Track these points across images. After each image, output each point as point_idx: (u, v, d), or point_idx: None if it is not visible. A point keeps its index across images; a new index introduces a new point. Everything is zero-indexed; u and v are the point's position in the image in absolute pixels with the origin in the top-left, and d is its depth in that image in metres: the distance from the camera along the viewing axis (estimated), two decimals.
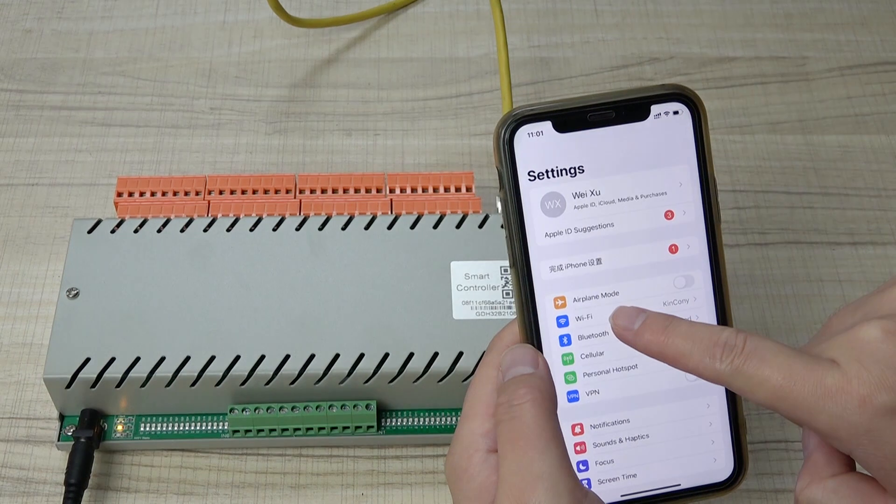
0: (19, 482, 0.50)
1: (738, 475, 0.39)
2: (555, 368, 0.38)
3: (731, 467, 0.39)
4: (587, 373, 0.38)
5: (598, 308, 0.38)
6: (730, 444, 0.39)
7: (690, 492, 0.39)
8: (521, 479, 0.34)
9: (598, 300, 0.38)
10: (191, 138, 0.63)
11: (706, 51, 0.68)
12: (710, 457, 0.39)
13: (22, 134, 0.63)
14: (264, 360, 0.48)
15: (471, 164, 0.62)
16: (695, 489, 0.39)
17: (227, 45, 0.67)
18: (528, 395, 0.36)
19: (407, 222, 0.53)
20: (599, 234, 0.38)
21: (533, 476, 0.34)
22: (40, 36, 0.67)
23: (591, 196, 0.37)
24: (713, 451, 0.39)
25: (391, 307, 0.50)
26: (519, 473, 0.34)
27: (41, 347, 0.54)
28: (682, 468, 0.39)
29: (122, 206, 0.54)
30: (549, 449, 0.34)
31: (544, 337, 0.38)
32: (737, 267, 0.58)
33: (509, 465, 0.35)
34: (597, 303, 0.38)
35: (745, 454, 0.39)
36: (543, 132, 0.37)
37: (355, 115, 0.64)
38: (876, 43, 0.69)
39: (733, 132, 0.64)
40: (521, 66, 0.67)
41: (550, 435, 0.35)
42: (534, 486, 0.34)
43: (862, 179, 0.62)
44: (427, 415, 0.51)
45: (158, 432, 0.50)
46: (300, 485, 0.51)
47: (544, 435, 0.35)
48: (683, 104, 0.38)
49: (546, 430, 0.35)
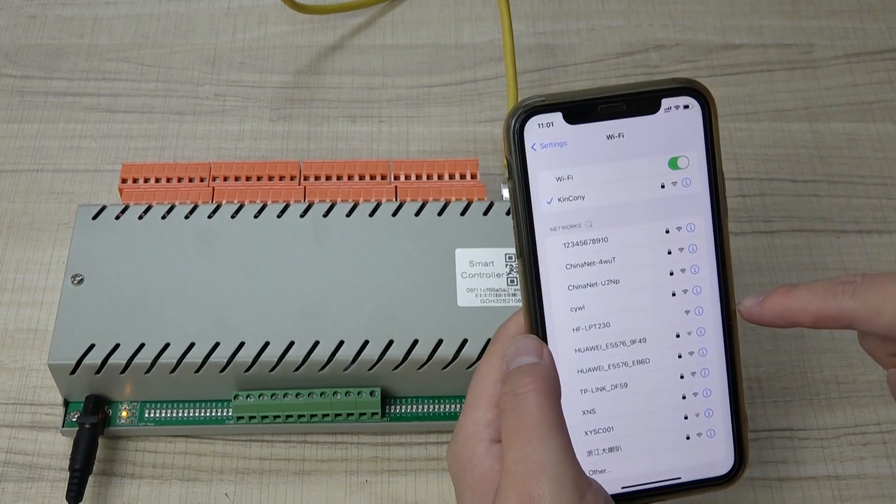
0: (24, 468, 0.50)
1: (738, 469, 0.39)
2: (561, 358, 0.38)
3: (731, 461, 0.39)
4: (591, 366, 0.38)
5: (604, 298, 0.38)
6: (731, 438, 0.39)
7: (691, 485, 0.39)
8: (525, 468, 0.34)
9: (604, 289, 0.38)
10: (195, 125, 0.63)
11: (712, 38, 0.68)
12: (711, 450, 0.39)
13: (26, 120, 0.63)
14: (269, 347, 0.48)
15: (475, 151, 0.62)
16: (695, 482, 0.39)
17: (232, 32, 0.67)
18: (531, 384, 0.36)
19: (411, 209, 0.53)
20: (608, 226, 0.38)
21: (537, 466, 0.34)
22: (44, 22, 0.67)
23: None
24: (714, 445, 0.39)
25: (396, 294, 0.50)
26: (523, 463, 0.34)
27: (46, 333, 0.54)
28: (682, 461, 0.39)
29: (126, 193, 0.54)
30: (553, 438, 0.34)
31: (549, 327, 0.38)
32: (742, 255, 0.58)
33: (513, 454, 0.35)
34: (602, 292, 0.38)
35: (745, 448, 0.39)
36: (554, 123, 0.37)
37: (360, 102, 0.64)
38: (882, 30, 0.68)
39: (739, 119, 0.64)
40: (526, 53, 0.66)
41: (554, 424, 0.35)
42: (538, 475, 0.34)
43: (868, 167, 0.62)
44: (431, 402, 0.51)
45: (163, 418, 0.50)
46: (304, 471, 0.51)
47: (548, 424, 0.35)
48: (694, 98, 0.38)
49: (550, 419, 0.35)
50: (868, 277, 0.37)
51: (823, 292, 0.37)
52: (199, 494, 0.50)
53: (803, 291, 0.38)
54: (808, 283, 0.38)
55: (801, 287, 0.38)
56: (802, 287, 0.38)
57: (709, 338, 0.39)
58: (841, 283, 0.37)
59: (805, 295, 0.37)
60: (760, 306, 0.38)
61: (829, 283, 0.37)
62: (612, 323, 0.38)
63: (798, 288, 0.38)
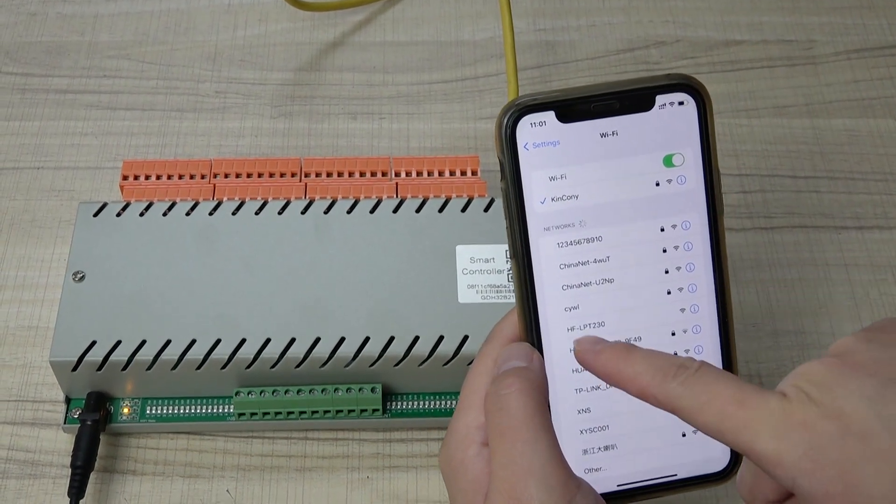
0: (26, 465, 0.50)
1: (734, 465, 0.39)
2: (555, 358, 0.38)
3: (727, 457, 0.39)
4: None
5: (598, 298, 0.38)
6: None
7: (687, 482, 0.39)
8: (511, 472, 0.34)
9: (599, 289, 0.38)
10: (196, 122, 0.63)
11: (713, 34, 0.68)
12: (707, 446, 0.39)
13: (27, 117, 0.63)
14: (270, 344, 0.49)
15: (476, 148, 0.62)
16: (691, 479, 0.39)
17: (233, 29, 0.67)
18: (515, 384, 0.35)
19: (412, 206, 0.53)
20: (602, 225, 0.38)
21: (523, 470, 0.34)
22: (45, 19, 0.67)
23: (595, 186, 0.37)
24: (710, 441, 0.39)
25: (396, 291, 0.50)
26: (509, 467, 0.34)
27: (47, 330, 0.54)
28: (678, 458, 0.39)
29: (127, 190, 0.54)
30: (539, 440, 0.34)
31: (544, 327, 0.38)
32: (742, 251, 0.58)
33: (500, 458, 0.34)
34: (597, 291, 0.38)
35: None
36: (546, 122, 0.37)
37: (361, 99, 0.64)
38: (883, 26, 0.68)
39: (739, 116, 0.64)
40: (526, 50, 0.66)
41: (539, 425, 0.35)
42: (525, 479, 0.34)
43: (868, 163, 0.62)
44: (432, 398, 0.51)
45: (164, 415, 0.50)
46: (306, 468, 0.51)
47: (531, 425, 0.34)
48: (689, 94, 0.37)
49: (535, 420, 0.35)
50: (704, 367, 0.33)
51: (656, 369, 0.34)
52: (200, 491, 0.50)
53: (640, 361, 0.34)
54: (648, 353, 0.34)
55: (639, 355, 0.34)
56: (641, 355, 0.34)
57: (704, 336, 0.39)
58: (675, 366, 0.33)
59: (640, 365, 0.34)
60: (595, 357, 0.35)
61: (665, 361, 0.34)
62: (607, 322, 0.38)
63: (635, 354, 0.34)
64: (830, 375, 0.32)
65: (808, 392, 0.31)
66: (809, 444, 0.31)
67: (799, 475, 0.31)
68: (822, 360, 0.32)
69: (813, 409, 0.31)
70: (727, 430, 0.32)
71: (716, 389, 0.32)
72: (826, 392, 0.31)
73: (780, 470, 0.31)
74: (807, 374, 0.32)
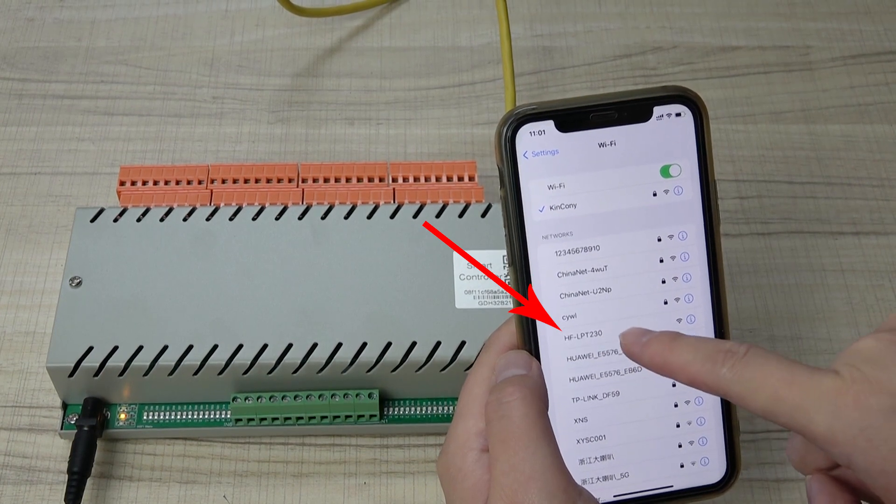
0: (22, 470, 0.50)
1: (730, 477, 0.39)
2: (552, 367, 0.38)
3: (724, 469, 0.39)
4: (583, 374, 0.38)
5: (595, 307, 0.38)
6: (723, 446, 0.39)
7: (683, 493, 0.39)
8: (513, 479, 0.34)
9: (596, 297, 0.38)
10: (193, 127, 0.63)
11: (709, 40, 0.68)
12: (703, 458, 0.39)
13: (24, 123, 0.63)
14: (267, 349, 0.49)
15: (473, 154, 0.62)
16: (687, 490, 0.39)
17: (230, 34, 0.67)
18: (516, 392, 0.35)
19: (409, 211, 0.53)
20: (600, 234, 0.38)
21: (525, 476, 0.34)
22: (42, 25, 0.67)
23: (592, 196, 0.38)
24: (706, 452, 0.39)
25: (394, 296, 0.50)
26: (511, 474, 0.34)
27: (44, 336, 0.54)
28: (675, 469, 0.39)
29: (124, 195, 0.54)
30: (540, 447, 0.34)
31: (541, 335, 0.38)
32: (739, 256, 0.58)
33: (501, 465, 0.34)
34: (594, 300, 0.38)
35: (737, 456, 0.39)
36: (545, 131, 0.37)
37: (358, 105, 0.64)
38: (879, 32, 0.68)
39: (736, 122, 0.64)
40: (523, 55, 0.67)
41: (541, 433, 0.35)
42: (526, 486, 0.34)
43: (864, 169, 0.62)
44: (429, 404, 0.51)
45: (161, 421, 0.50)
46: (303, 473, 0.51)
47: (533, 433, 0.35)
48: (686, 106, 0.37)
49: (536, 427, 0.35)
50: (752, 351, 0.33)
51: (704, 356, 0.34)
52: (197, 497, 0.50)
53: (686, 349, 0.34)
54: (694, 341, 0.34)
55: (684, 343, 0.34)
56: (686, 344, 0.34)
57: None
58: (723, 352, 0.33)
59: (686, 354, 0.34)
60: (641, 349, 0.35)
61: (713, 347, 0.34)
62: (604, 331, 0.38)
63: (682, 343, 0.34)
64: (885, 352, 0.32)
65: (862, 369, 0.32)
66: (864, 423, 0.31)
67: (854, 453, 0.31)
68: (875, 336, 0.32)
69: (867, 387, 0.31)
70: (781, 413, 0.32)
71: (766, 372, 0.32)
72: (880, 369, 0.31)
73: (836, 448, 0.31)
74: (861, 352, 0.32)
